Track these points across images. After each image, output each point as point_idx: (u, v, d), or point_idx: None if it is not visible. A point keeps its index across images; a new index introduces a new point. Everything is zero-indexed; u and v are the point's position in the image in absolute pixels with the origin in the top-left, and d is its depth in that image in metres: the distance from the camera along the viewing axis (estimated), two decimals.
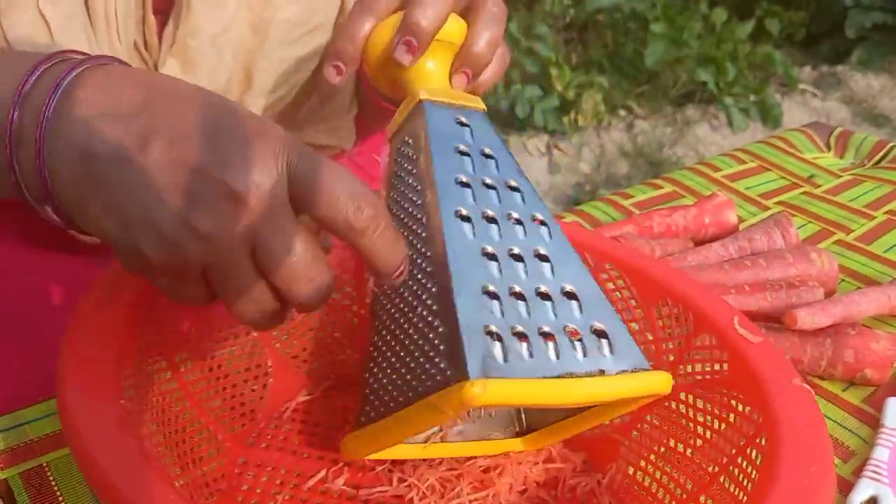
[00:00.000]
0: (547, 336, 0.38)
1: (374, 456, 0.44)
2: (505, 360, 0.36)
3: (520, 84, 2.59)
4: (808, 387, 0.42)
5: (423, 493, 0.46)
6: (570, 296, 0.40)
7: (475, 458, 0.49)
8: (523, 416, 0.50)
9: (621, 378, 0.38)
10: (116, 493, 0.31)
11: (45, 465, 0.48)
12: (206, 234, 0.33)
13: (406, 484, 0.47)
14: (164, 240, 0.34)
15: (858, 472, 0.50)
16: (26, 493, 0.46)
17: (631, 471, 0.48)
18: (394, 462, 0.48)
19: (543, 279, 0.40)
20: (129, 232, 0.34)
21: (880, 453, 0.51)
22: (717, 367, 0.45)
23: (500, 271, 0.39)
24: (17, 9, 0.49)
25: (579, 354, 0.38)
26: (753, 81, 2.90)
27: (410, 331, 0.41)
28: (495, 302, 0.38)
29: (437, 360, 0.38)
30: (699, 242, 0.73)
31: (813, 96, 3.06)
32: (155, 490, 0.32)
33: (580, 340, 0.39)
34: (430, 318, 0.39)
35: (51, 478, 0.47)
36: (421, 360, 0.39)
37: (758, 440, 0.40)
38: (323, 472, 0.49)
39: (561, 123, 2.63)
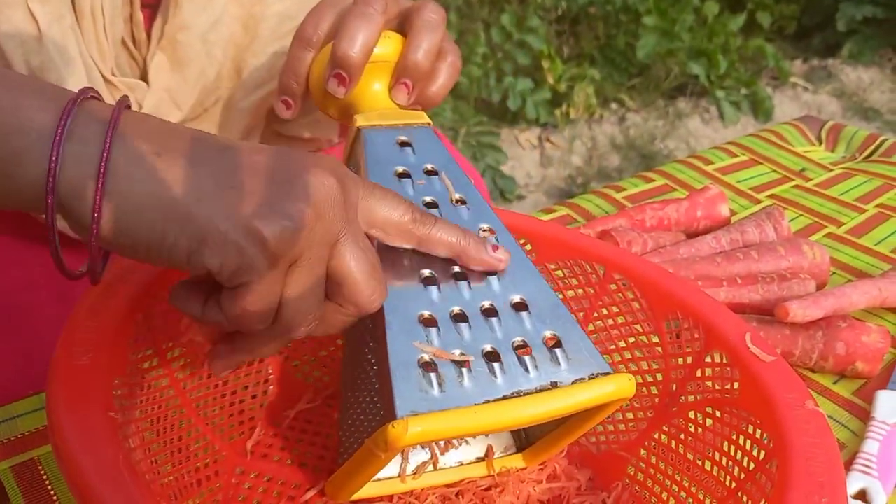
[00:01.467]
0: (491, 356, 0.37)
1: (356, 497, 0.42)
2: (441, 390, 0.35)
3: (511, 76, 2.58)
4: (821, 410, 0.40)
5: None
6: (521, 307, 0.39)
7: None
8: (522, 430, 0.48)
9: (575, 388, 0.37)
10: None
11: (36, 458, 0.48)
12: (291, 238, 0.33)
13: (405, 501, 0.46)
14: (250, 232, 0.32)
15: (848, 466, 0.51)
16: (17, 487, 0.46)
17: (637, 489, 0.47)
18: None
19: (490, 294, 0.40)
20: (204, 231, 0.32)
21: (870, 446, 0.51)
22: (727, 385, 0.44)
23: (440, 294, 0.39)
24: (8, 7, 0.49)
25: (529, 370, 0.37)
26: (745, 74, 2.91)
27: (367, 368, 0.41)
28: (432, 329, 0.37)
29: (379, 399, 0.37)
30: (691, 235, 0.73)
31: (804, 90, 3.07)
32: None
33: (531, 355, 0.38)
34: (375, 354, 0.39)
35: (42, 471, 0.47)
36: (374, 399, 0.39)
37: (768, 466, 0.39)
38: (322, 484, 0.47)
39: (553, 116, 2.63)
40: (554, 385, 0.37)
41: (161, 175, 0.32)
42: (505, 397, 0.36)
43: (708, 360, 0.45)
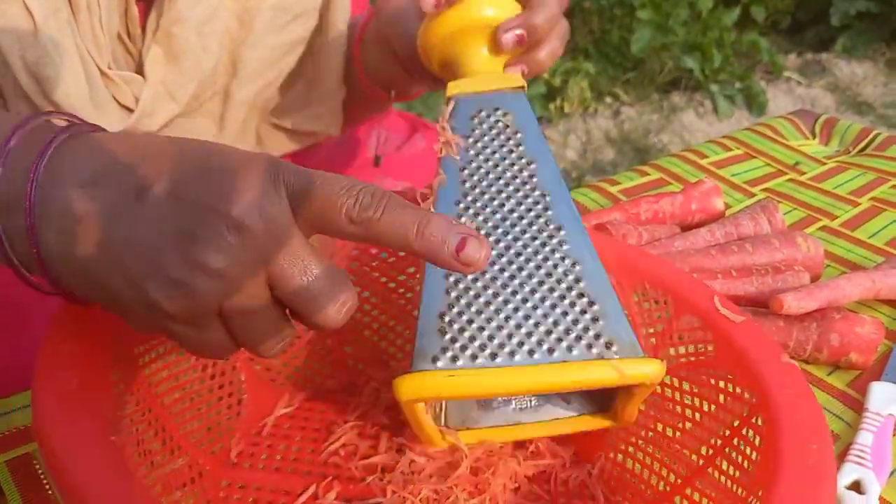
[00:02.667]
0: (527, 322, 0.39)
1: (448, 440, 0.43)
2: (467, 350, 0.37)
3: None
4: (794, 362, 0.42)
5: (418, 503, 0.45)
6: (566, 279, 0.40)
7: (461, 464, 0.47)
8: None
9: (589, 365, 0.38)
10: None
11: (31, 453, 0.48)
12: (217, 271, 0.31)
13: (399, 495, 0.46)
14: (175, 284, 0.31)
15: (843, 457, 0.51)
16: (12, 481, 0.46)
17: (620, 458, 0.48)
18: (383, 471, 0.47)
19: (537, 260, 0.41)
20: (138, 286, 0.32)
21: (864, 437, 0.52)
22: (702, 348, 0.45)
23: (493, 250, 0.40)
24: (4, 2, 0.49)
25: (565, 342, 0.38)
26: (739, 68, 2.91)
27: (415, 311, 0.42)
28: (470, 290, 0.39)
29: (411, 349, 0.39)
30: (686, 228, 0.74)
31: (798, 84, 3.08)
32: None
33: (566, 327, 0.39)
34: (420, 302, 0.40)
35: (37, 466, 0.47)
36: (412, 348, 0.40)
37: (753, 420, 0.40)
38: (313, 488, 0.47)
39: (547, 110, 2.63)
40: (592, 357, 0.38)
41: (83, 196, 0.33)
42: (525, 365, 0.37)
43: (680, 326, 0.47)
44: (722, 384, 0.43)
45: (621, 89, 2.86)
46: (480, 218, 0.42)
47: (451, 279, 0.40)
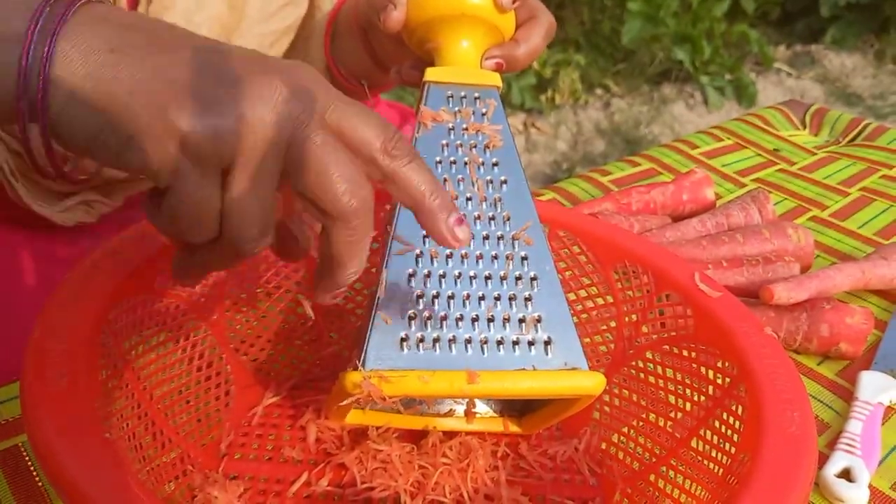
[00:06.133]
0: (474, 323, 0.39)
1: (348, 421, 0.44)
2: (415, 349, 0.38)
3: None
4: (773, 334, 0.43)
5: (409, 489, 0.45)
6: (518, 282, 0.41)
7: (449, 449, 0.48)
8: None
9: (533, 375, 0.39)
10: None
11: (20, 445, 0.47)
12: (252, 120, 0.31)
13: (389, 476, 0.46)
14: (208, 115, 0.31)
15: (832, 445, 0.51)
16: (2, 473, 0.45)
17: (605, 431, 0.49)
18: (375, 457, 0.47)
19: (493, 262, 0.41)
20: (164, 113, 0.30)
21: (854, 426, 0.52)
22: (681, 322, 0.46)
23: (444, 252, 0.41)
24: None
25: (507, 345, 0.39)
26: (729, 60, 2.91)
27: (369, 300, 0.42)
28: (427, 283, 0.40)
29: (360, 339, 0.39)
30: (677, 219, 0.74)
31: (787, 75, 3.08)
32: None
33: (513, 331, 0.40)
34: (372, 290, 0.40)
35: (26, 458, 0.46)
36: (359, 335, 0.40)
37: (736, 391, 0.40)
38: (305, 476, 0.47)
39: (538, 101, 2.62)
40: (529, 366, 0.39)
41: (104, 70, 0.31)
42: (465, 369, 0.38)
43: (660, 301, 0.47)
44: (703, 357, 0.44)
45: (612, 81, 2.86)
46: None
47: (416, 273, 0.40)
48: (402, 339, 0.38)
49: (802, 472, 0.34)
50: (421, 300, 0.39)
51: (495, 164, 0.44)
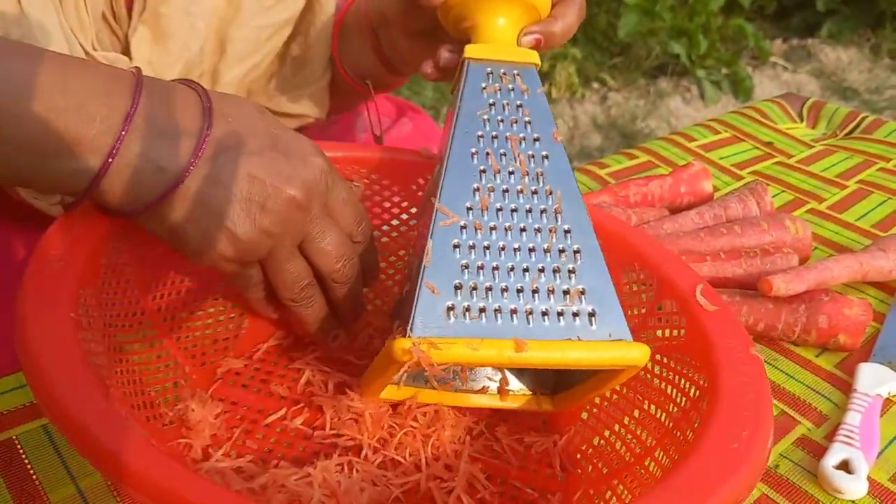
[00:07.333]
0: (519, 294, 0.39)
1: (383, 396, 0.44)
2: (462, 319, 0.37)
3: None
4: (761, 356, 0.42)
5: (373, 444, 0.46)
6: (562, 254, 0.41)
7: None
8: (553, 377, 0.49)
9: (583, 345, 0.38)
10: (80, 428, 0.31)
11: (14, 438, 0.47)
12: (272, 233, 0.42)
13: (358, 430, 0.47)
14: (240, 241, 0.41)
15: (831, 437, 0.51)
16: None
17: (588, 433, 0.48)
18: (349, 409, 0.48)
19: (537, 235, 0.41)
20: (209, 237, 0.41)
21: (852, 418, 0.52)
22: (675, 332, 0.45)
23: (488, 224, 0.41)
24: None
25: (552, 316, 0.39)
26: (725, 54, 2.91)
27: (412, 268, 0.42)
28: (472, 254, 0.40)
29: (405, 308, 0.39)
30: (675, 211, 0.73)
31: (784, 69, 3.08)
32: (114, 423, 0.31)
33: (557, 302, 0.39)
34: (416, 262, 0.41)
35: (21, 450, 0.46)
36: (403, 305, 0.40)
37: (700, 404, 0.40)
38: (283, 411, 0.49)
39: None
40: (573, 336, 0.39)
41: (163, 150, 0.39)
42: (516, 338, 0.37)
43: (660, 309, 0.47)
44: (685, 369, 0.43)
45: (608, 74, 2.85)
46: (486, 179, 0.42)
47: (461, 244, 0.40)
48: (449, 309, 0.38)
49: (729, 484, 0.34)
50: (466, 271, 0.39)
51: (536, 140, 0.44)
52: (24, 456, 0.46)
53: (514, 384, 0.48)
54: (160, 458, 0.30)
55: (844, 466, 0.49)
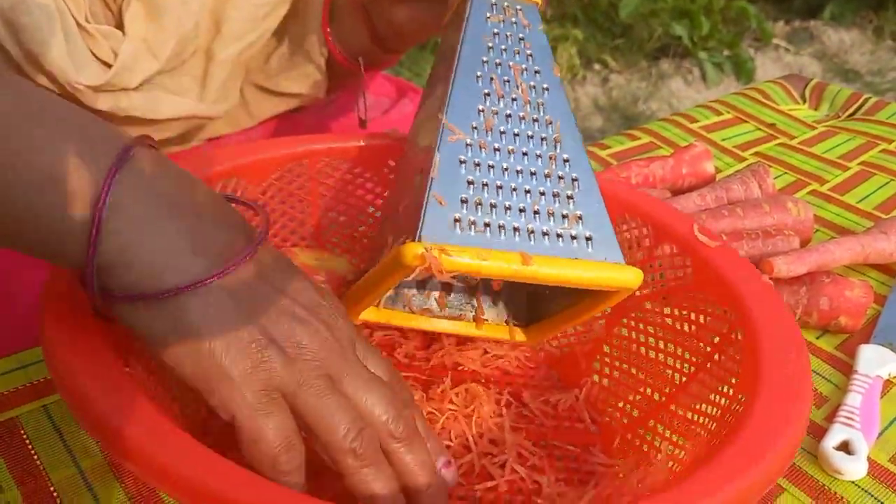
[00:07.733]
0: (521, 213, 0.40)
1: (362, 317, 0.45)
2: (468, 230, 0.38)
3: None
4: (769, 281, 0.44)
5: None
6: (561, 181, 0.42)
7: (452, 394, 0.49)
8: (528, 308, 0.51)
9: (589, 265, 0.40)
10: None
11: (16, 418, 0.47)
12: (285, 363, 0.35)
13: None
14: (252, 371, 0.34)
15: (831, 418, 0.51)
16: None
17: (606, 382, 0.50)
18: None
19: (538, 160, 0.42)
20: (222, 366, 0.34)
21: (853, 399, 0.52)
22: (679, 273, 0.47)
23: (492, 145, 0.42)
24: None
25: (552, 237, 0.40)
26: (727, 36, 2.90)
27: (408, 186, 0.43)
28: (477, 171, 0.40)
29: (409, 220, 0.39)
30: (676, 192, 0.73)
31: (786, 51, 3.07)
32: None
33: (557, 224, 0.41)
34: (418, 177, 0.41)
35: (22, 432, 0.46)
36: (403, 219, 0.41)
37: (733, 336, 0.41)
38: None
39: None
40: (571, 256, 0.40)
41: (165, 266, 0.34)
42: (520, 252, 0.38)
43: (659, 252, 0.49)
44: (702, 305, 0.45)
45: (610, 56, 2.84)
46: (490, 102, 0.43)
47: (467, 161, 0.41)
48: (456, 220, 0.38)
49: (799, 407, 0.36)
50: (472, 187, 0.40)
51: (537, 72, 0.46)
52: (25, 436, 0.46)
53: (489, 313, 0.49)
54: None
55: (844, 447, 0.49)
